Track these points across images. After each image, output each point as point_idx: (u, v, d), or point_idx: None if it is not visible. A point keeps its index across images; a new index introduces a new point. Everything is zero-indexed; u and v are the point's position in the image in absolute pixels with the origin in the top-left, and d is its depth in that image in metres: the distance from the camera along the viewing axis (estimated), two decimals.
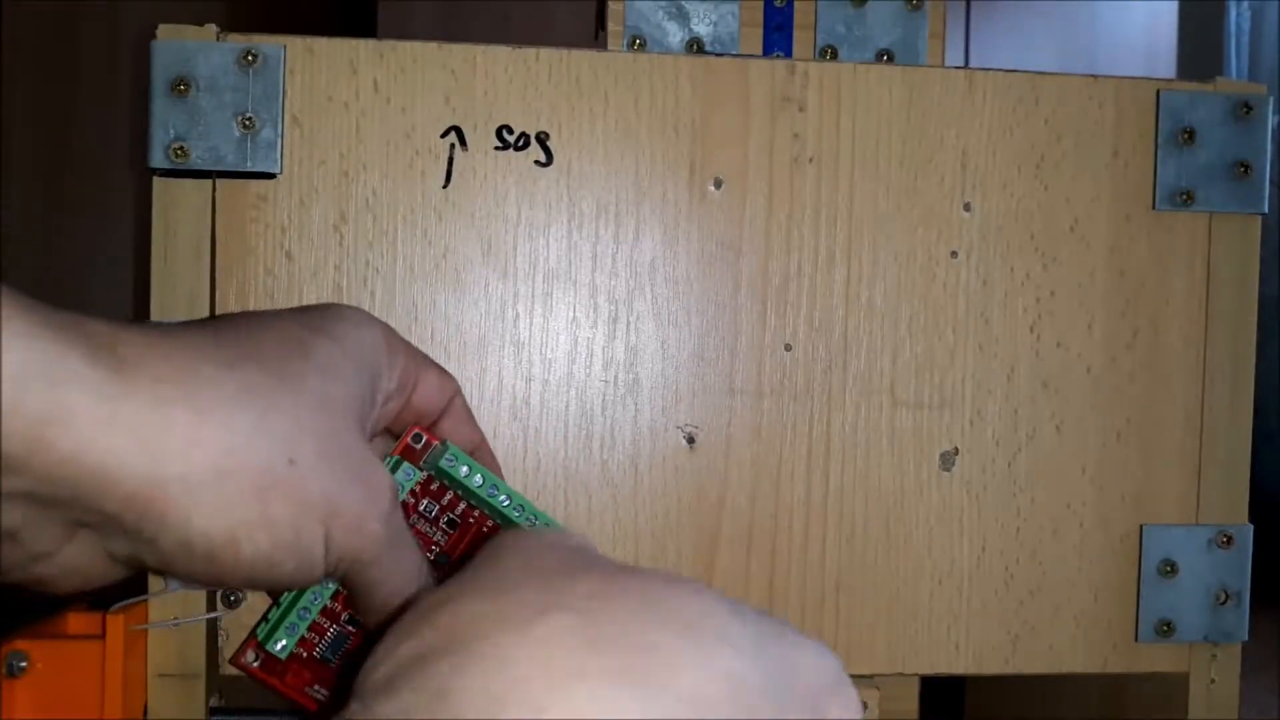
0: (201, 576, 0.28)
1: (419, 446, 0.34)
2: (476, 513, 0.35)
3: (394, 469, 0.34)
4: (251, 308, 0.37)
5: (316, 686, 0.34)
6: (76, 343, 0.25)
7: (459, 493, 0.34)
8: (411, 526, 0.34)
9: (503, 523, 0.35)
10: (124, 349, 0.26)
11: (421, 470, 0.34)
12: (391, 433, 0.34)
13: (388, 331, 0.33)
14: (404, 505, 0.34)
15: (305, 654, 0.34)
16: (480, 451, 0.36)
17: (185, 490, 0.26)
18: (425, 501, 0.34)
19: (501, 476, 0.36)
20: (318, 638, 0.34)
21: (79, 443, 0.25)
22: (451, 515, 0.35)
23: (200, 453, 0.26)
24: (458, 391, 0.35)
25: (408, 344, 0.34)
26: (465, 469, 0.34)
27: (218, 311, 0.37)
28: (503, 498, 0.35)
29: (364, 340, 0.32)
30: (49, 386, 0.24)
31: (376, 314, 0.37)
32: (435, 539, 0.35)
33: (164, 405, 0.26)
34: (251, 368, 0.28)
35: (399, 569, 0.31)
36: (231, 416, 0.27)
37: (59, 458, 0.25)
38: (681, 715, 0.21)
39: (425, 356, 0.35)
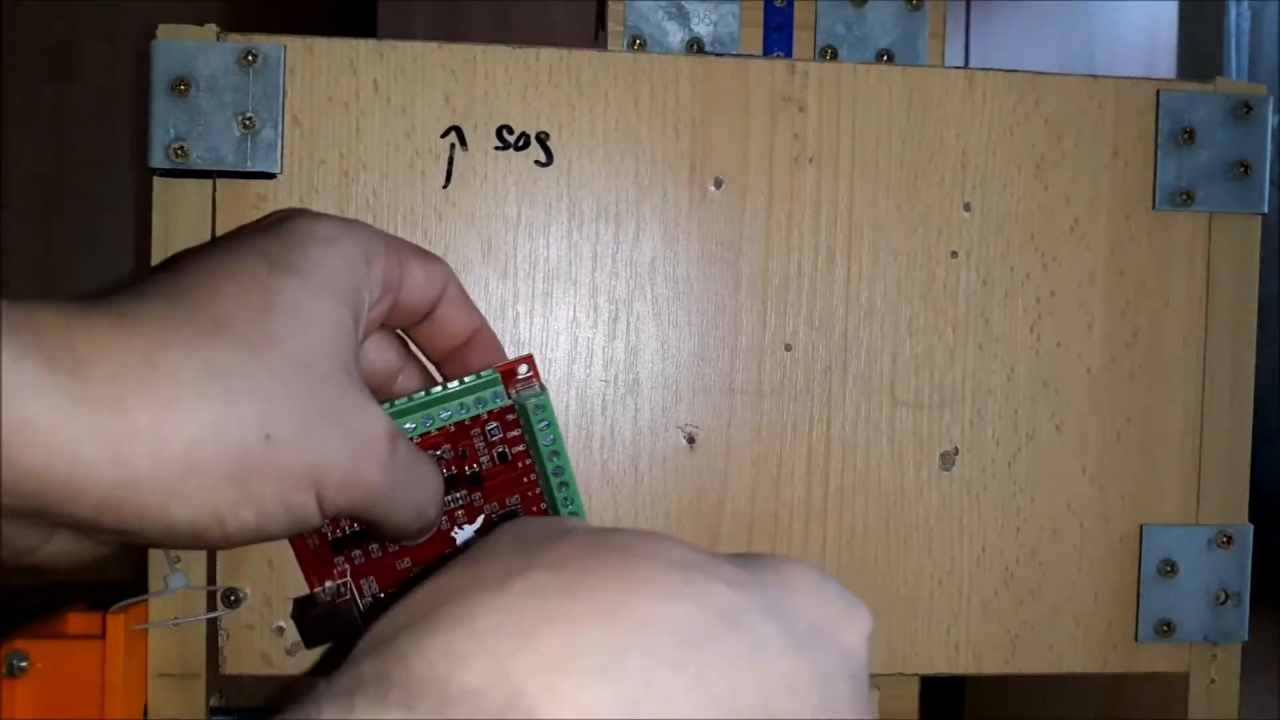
0: (193, 549, 0.28)
1: (521, 376, 0.35)
2: (527, 462, 0.35)
3: (487, 384, 0.34)
4: None
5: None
6: (31, 347, 0.24)
7: (525, 437, 0.35)
8: (469, 440, 0.34)
9: (543, 487, 0.35)
10: (80, 344, 0.25)
11: (510, 399, 0.34)
12: (388, 328, 0.34)
13: (363, 238, 0.31)
14: (475, 420, 0.34)
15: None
16: (480, 335, 0.35)
17: (157, 488, 0.26)
18: (493, 424, 0.35)
19: (502, 351, 0.36)
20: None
21: (43, 455, 0.24)
22: (506, 449, 0.35)
23: (167, 450, 0.26)
24: (450, 279, 0.34)
25: (388, 240, 0.32)
26: (544, 422, 0.35)
27: None
28: (555, 466, 0.35)
29: (336, 263, 0.30)
30: (7, 400, 0.24)
31: None
32: (480, 460, 0.35)
33: (124, 406, 0.25)
34: (217, 344, 0.27)
35: (408, 503, 0.31)
36: (197, 407, 0.26)
37: (24, 472, 0.24)
38: (669, 644, 0.20)
39: (409, 249, 0.33)
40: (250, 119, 0.37)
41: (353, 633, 0.35)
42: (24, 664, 0.35)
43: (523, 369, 0.35)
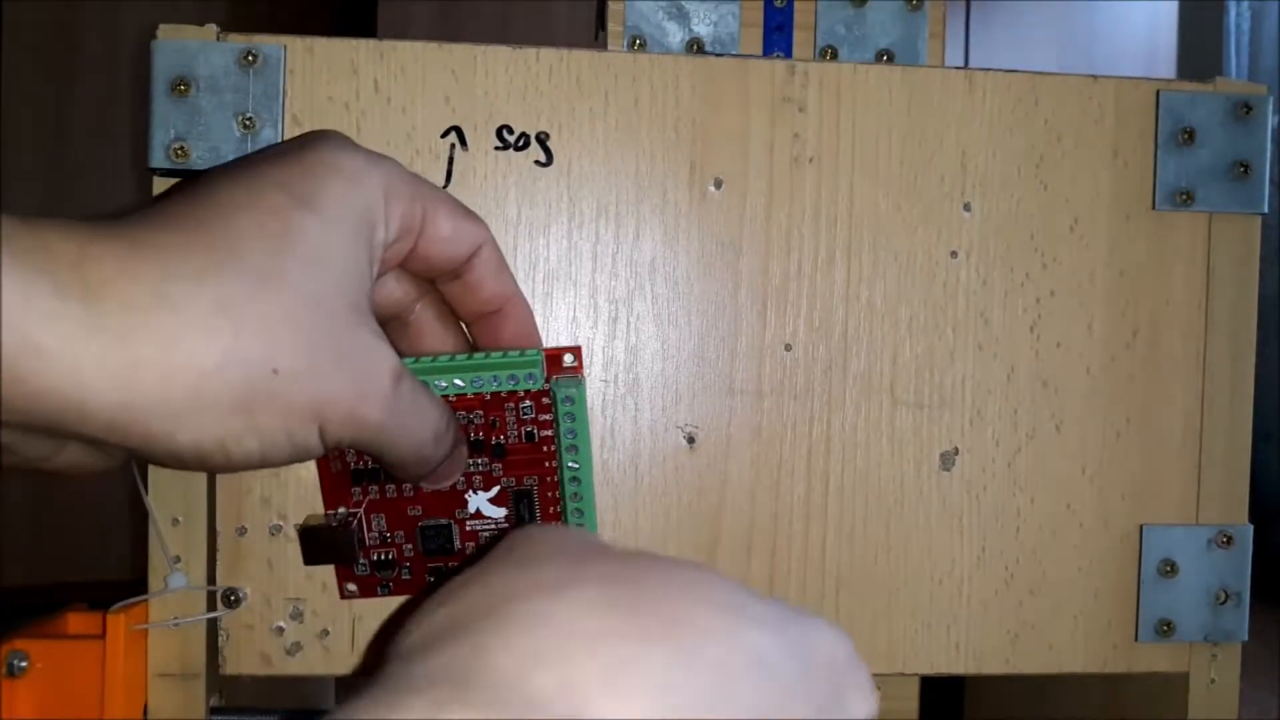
0: (198, 470, 0.28)
1: (566, 365, 0.35)
2: (551, 448, 0.35)
3: (528, 364, 0.34)
4: None
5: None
6: (42, 271, 0.24)
7: (554, 423, 0.35)
8: (501, 412, 0.35)
9: (560, 478, 0.36)
10: (91, 271, 0.25)
11: (545, 384, 0.35)
12: (408, 271, 0.34)
13: (386, 176, 0.31)
14: (511, 394, 0.34)
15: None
16: (513, 305, 0.35)
17: (164, 416, 0.26)
18: (528, 403, 0.35)
19: (538, 339, 0.36)
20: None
21: (52, 379, 0.25)
22: (535, 430, 0.35)
23: (174, 382, 0.26)
24: (485, 243, 0.34)
25: (415, 184, 0.32)
26: (570, 415, 0.35)
27: None
28: (571, 460, 0.36)
29: (356, 200, 0.30)
30: (17, 324, 0.24)
31: None
32: (509, 433, 0.35)
33: (132, 337, 0.25)
34: (228, 277, 0.27)
35: (408, 440, 0.31)
36: (205, 341, 0.26)
37: (33, 392, 0.25)
38: (709, 679, 0.21)
39: (442, 199, 0.33)
40: (250, 119, 0.37)
41: (348, 560, 0.36)
42: (24, 664, 0.35)
43: (568, 358, 0.35)
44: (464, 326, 0.36)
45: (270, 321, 0.27)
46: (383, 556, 0.36)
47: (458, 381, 0.34)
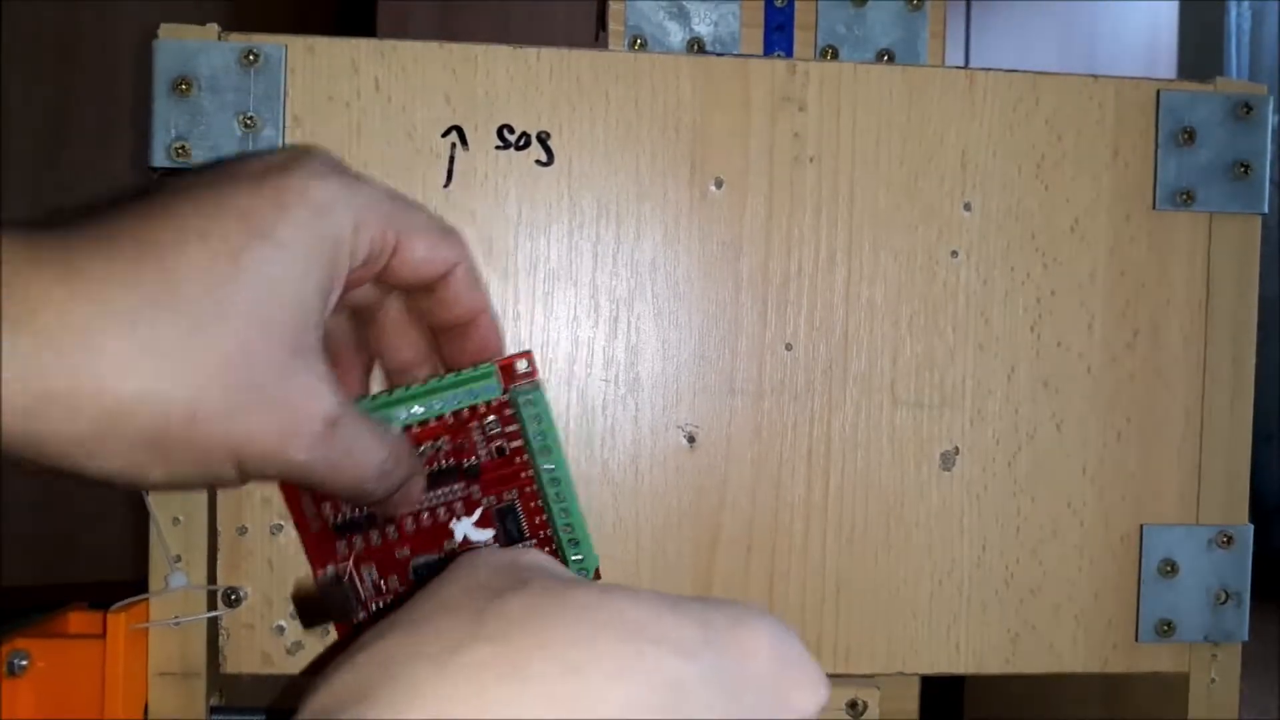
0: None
1: (520, 372, 0.34)
2: (524, 458, 0.35)
3: (482, 376, 0.34)
4: None
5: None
6: None
7: (521, 432, 0.35)
8: (467, 433, 0.34)
9: (538, 484, 0.35)
10: (17, 294, 0.25)
11: (504, 394, 0.34)
12: (382, 281, 0.33)
13: (362, 207, 0.30)
14: (473, 412, 0.34)
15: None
16: (481, 320, 0.34)
17: (70, 444, 0.26)
18: (491, 418, 0.35)
19: (502, 349, 0.35)
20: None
21: None
22: (504, 444, 0.35)
23: (82, 415, 0.26)
24: (461, 261, 0.33)
25: (395, 213, 0.31)
26: (536, 419, 0.35)
27: None
28: (546, 464, 0.35)
29: (320, 232, 0.29)
30: None
31: None
32: (479, 453, 0.35)
33: (44, 369, 0.25)
34: (162, 317, 0.26)
35: (344, 475, 0.30)
36: (122, 382, 0.26)
37: None
38: None
39: (419, 222, 0.32)
40: (251, 118, 0.37)
41: (346, 617, 0.35)
42: (24, 663, 0.35)
43: (521, 364, 0.34)
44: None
45: (199, 365, 0.27)
46: (381, 605, 0.35)
47: (416, 409, 0.34)
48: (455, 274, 0.33)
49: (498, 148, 0.38)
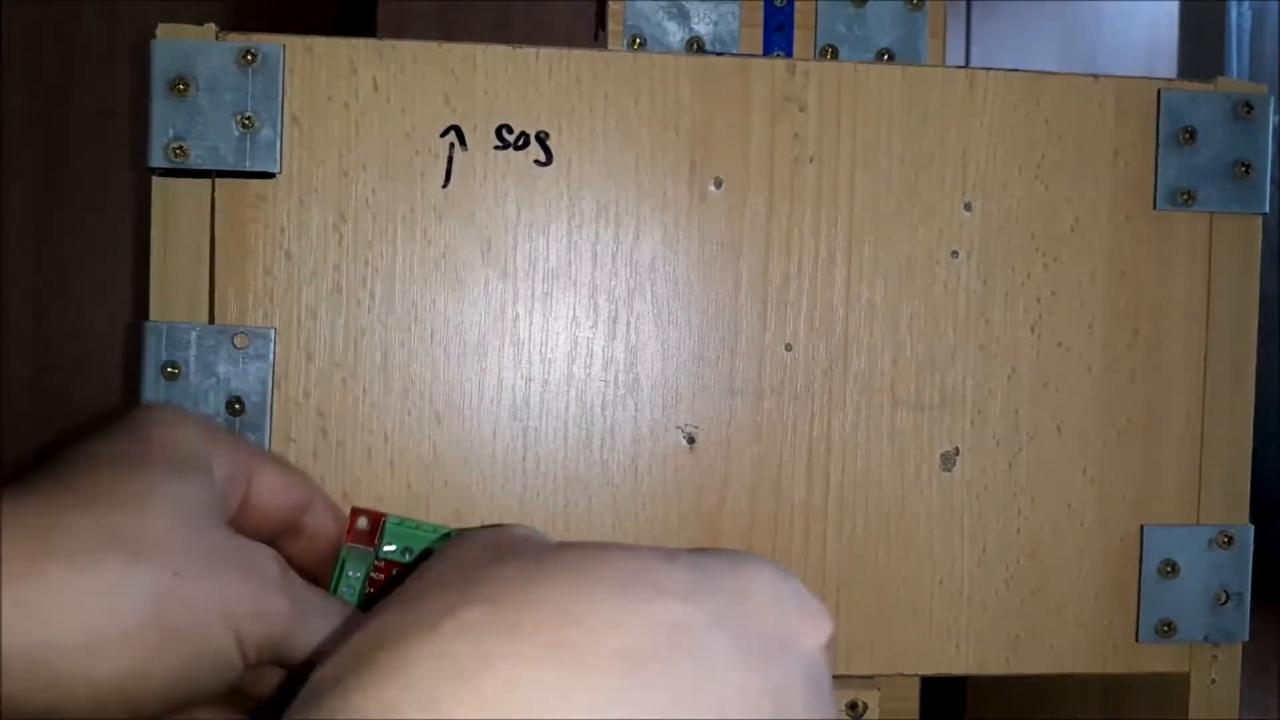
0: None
1: (366, 528, 0.35)
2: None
3: (346, 558, 0.34)
4: (251, 308, 0.37)
5: None
6: None
7: (420, 549, 0.35)
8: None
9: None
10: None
11: (378, 555, 0.34)
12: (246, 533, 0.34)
13: (205, 429, 0.32)
14: (371, 581, 0.34)
15: None
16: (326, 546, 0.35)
17: (77, 648, 0.26)
18: (395, 572, 0.34)
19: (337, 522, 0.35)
20: None
21: None
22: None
23: (83, 607, 0.26)
24: (315, 495, 0.34)
25: (235, 443, 0.33)
26: (408, 534, 0.35)
27: (217, 311, 0.37)
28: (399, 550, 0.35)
29: (181, 439, 0.31)
30: None
31: (375, 314, 0.37)
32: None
33: (40, 566, 0.26)
34: (107, 509, 0.28)
35: (321, 628, 0.31)
36: (102, 563, 0.27)
37: None
38: (613, 677, 0.19)
39: (268, 457, 0.34)
40: (249, 118, 0.37)
41: None
42: None
43: (359, 521, 0.35)
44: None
45: (156, 538, 0.28)
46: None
47: (350, 573, 0.34)
48: (315, 507, 0.34)
49: (497, 148, 0.38)
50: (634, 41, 0.41)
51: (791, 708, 0.21)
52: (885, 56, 0.42)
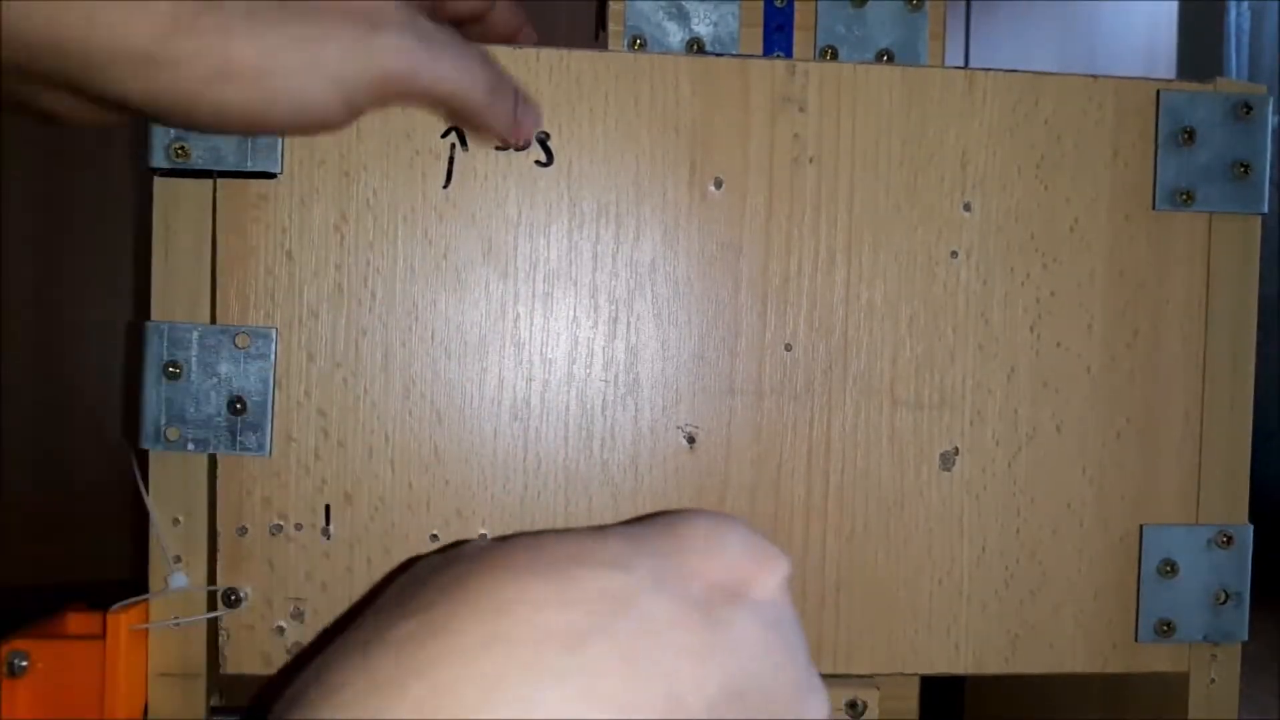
0: (211, 106, 0.26)
1: None
2: None
3: None
4: (252, 307, 0.37)
5: None
6: None
7: None
8: None
9: None
10: None
11: None
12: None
13: None
14: None
15: None
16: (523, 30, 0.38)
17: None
18: None
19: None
20: None
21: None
22: None
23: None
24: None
25: None
26: None
27: (218, 311, 0.37)
28: None
29: None
30: None
31: (376, 314, 0.38)
32: None
33: None
34: None
35: (455, 75, 0.31)
36: None
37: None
38: (551, 656, 0.19)
39: None
40: None
41: None
42: (24, 664, 0.35)
43: None
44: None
45: None
46: None
47: None
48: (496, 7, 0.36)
49: (497, 148, 0.38)
50: (634, 42, 0.41)
51: (749, 655, 0.21)
52: (885, 57, 0.42)
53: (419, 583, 0.23)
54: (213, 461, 0.37)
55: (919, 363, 0.40)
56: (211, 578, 0.37)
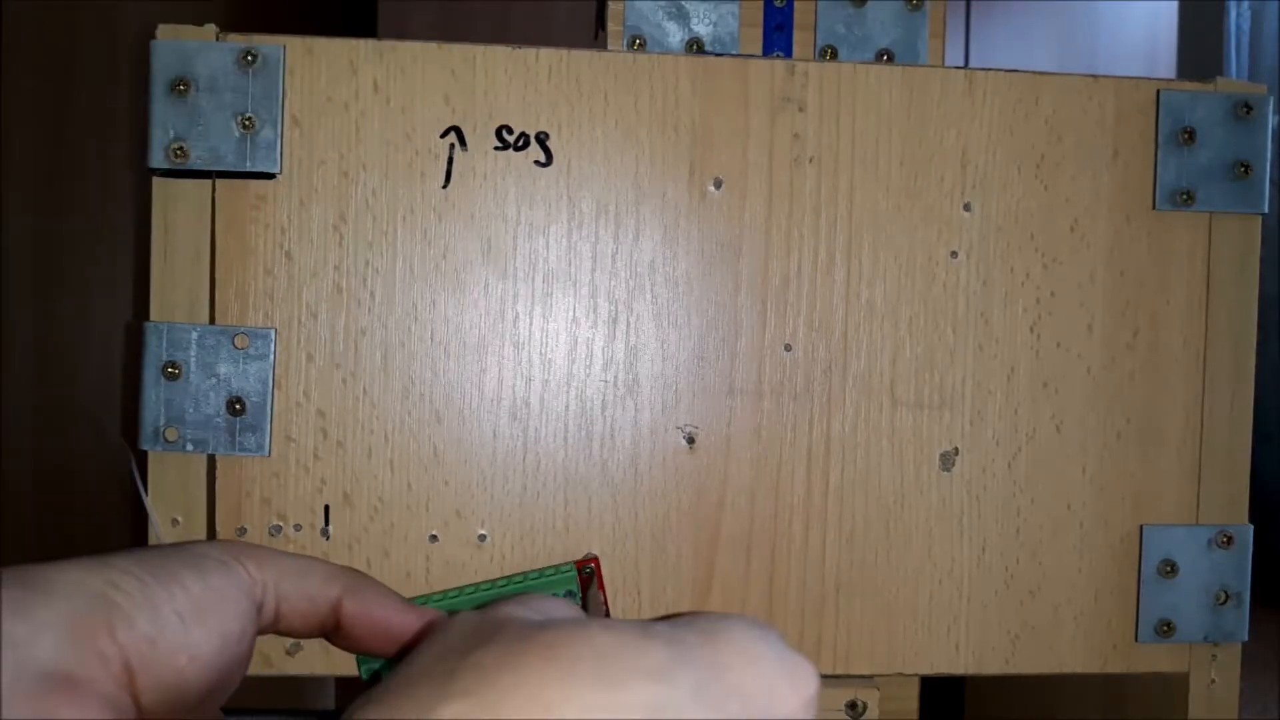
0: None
1: (585, 574, 0.37)
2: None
3: (566, 581, 0.37)
4: (251, 308, 0.37)
5: None
6: None
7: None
8: None
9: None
10: None
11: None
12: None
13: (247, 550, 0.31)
14: None
15: None
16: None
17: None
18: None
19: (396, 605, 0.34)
20: None
21: None
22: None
23: None
24: (358, 580, 0.33)
25: (278, 556, 0.32)
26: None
27: (217, 312, 0.37)
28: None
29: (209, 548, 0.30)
30: None
31: (375, 314, 0.38)
32: None
33: None
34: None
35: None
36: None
37: None
38: None
39: (306, 564, 0.32)
40: (250, 119, 0.37)
41: None
42: None
43: (588, 569, 0.37)
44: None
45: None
46: None
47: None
48: (344, 609, 0.32)
49: (496, 148, 0.38)
50: (634, 42, 0.41)
51: None
52: (885, 57, 0.42)
53: (460, 654, 0.23)
54: (212, 462, 0.37)
55: (919, 363, 0.40)
56: None
